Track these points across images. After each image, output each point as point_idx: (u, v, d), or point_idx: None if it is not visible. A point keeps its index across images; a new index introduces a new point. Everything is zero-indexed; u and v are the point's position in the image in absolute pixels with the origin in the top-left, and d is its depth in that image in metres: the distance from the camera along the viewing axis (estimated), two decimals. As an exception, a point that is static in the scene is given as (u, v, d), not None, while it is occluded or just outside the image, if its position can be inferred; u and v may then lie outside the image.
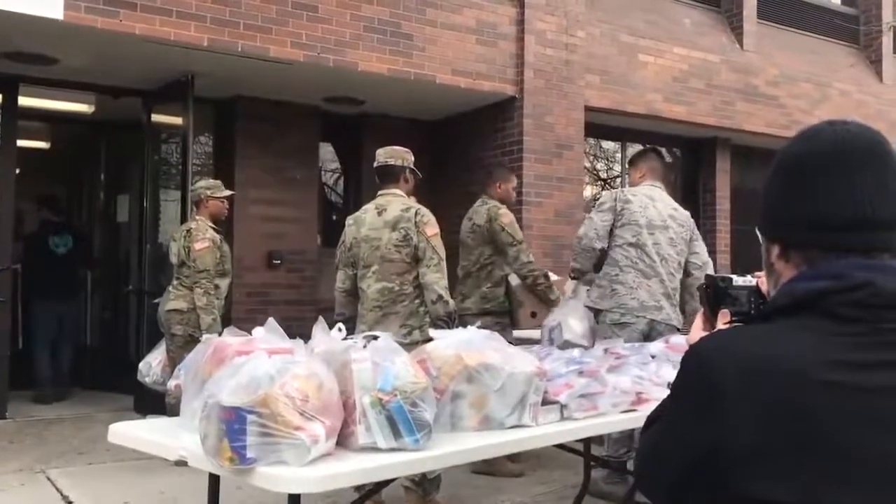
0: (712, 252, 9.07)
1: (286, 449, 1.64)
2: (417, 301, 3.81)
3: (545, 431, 2.14)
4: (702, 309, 1.51)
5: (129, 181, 7.81)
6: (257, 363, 1.74)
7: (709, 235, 9.21)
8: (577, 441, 3.04)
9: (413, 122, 7.96)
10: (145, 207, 7.03)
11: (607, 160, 9.41)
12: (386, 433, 1.79)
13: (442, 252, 3.80)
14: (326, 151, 8.22)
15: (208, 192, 5.46)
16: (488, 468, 4.60)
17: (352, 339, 2.00)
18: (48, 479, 4.49)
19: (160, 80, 6.61)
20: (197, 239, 5.21)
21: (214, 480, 1.98)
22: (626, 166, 4.72)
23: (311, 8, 6.10)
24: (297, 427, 1.65)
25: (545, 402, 2.19)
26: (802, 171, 1.13)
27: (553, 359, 2.62)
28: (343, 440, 1.80)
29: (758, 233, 1.26)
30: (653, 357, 3.04)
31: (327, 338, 2.04)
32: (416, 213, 3.82)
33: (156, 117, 7.08)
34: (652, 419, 1.21)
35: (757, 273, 1.58)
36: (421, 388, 1.84)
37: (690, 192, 9.49)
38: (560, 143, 7.27)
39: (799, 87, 9.14)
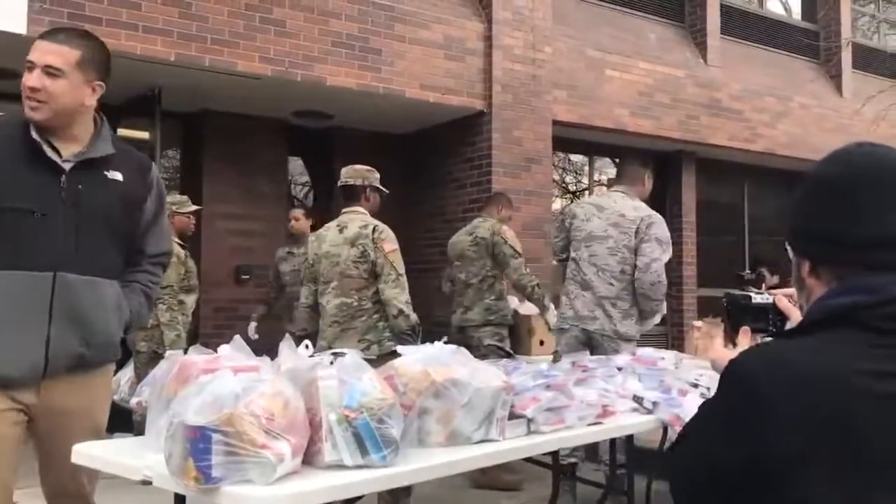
0: (679, 263, 9.20)
1: (252, 468, 1.63)
2: (376, 316, 3.81)
3: (512, 445, 2.16)
4: (722, 326, 1.55)
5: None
6: (223, 382, 1.74)
7: (676, 247, 9.27)
8: (545, 455, 3.06)
9: (383, 136, 7.98)
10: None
11: (576, 173, 9.51)
12: (353, 450, 1.79)
13: (401, 267, 3.81)
14: (296, 166, 8.21)
15: (174, 208, 5.44)
16: (488, 481, 4.63)
17: (319, 356, 2.01)
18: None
19: (127, 95, 6.56)
20: None
21: (180, 500, 1.96)
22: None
23: (279, 23, 6.11)
24: (263, 445, 1.64)
25: (512, 417, 2.21)
26: (833, 192, 1.17)
27: (521, 372, 2.64)
28: (310, 458, 1.80)
29: (787, 248, 1.32)
30: (619, 369, 3.08)
31: (294, 355, 2.03)
32: (373, 230, 3.82)
33: (122, 132, 7.00)
34: (684, 436, 1.23)
35: (772, 291, 1.63)
36: (388, 404, 1.85)
37: (658, 205, 9.58)
38: (528, 156, 7.33)
39: (762, 101, 9.30)
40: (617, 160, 9.52)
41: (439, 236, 7.57)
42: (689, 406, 2.76)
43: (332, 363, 1.89)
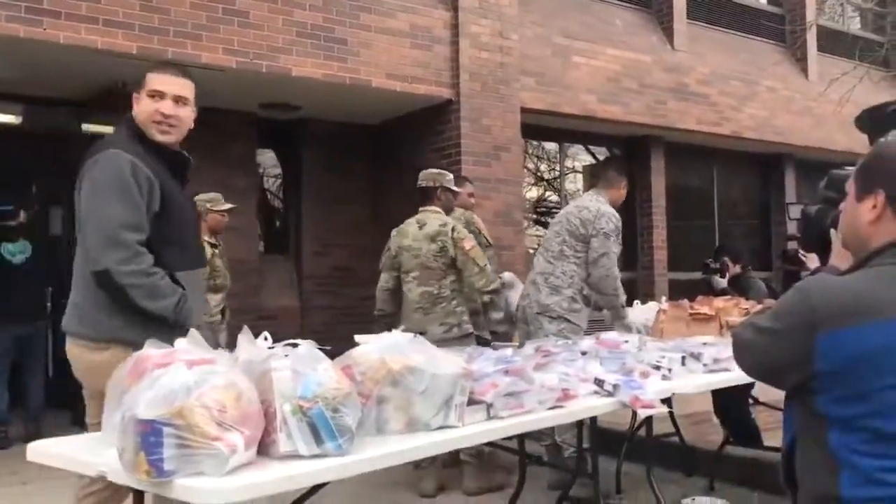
0: (650, 248, 9.28)
1: (204, 460, 1.63)
2: (454, 302, 4.46)
3: (471, 431, 2.17)
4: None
5: (61, 193, 7.63)
6: (175, 375, 1.74)
7: (645, 232, 9.39)
8: (507, 439, 3.09)
9: (352, 126, 7.95)
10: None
11: (549, 161, 9.53)
12: (307, 440, 1.79)
13: (482, 260, 4.44)
14: (265, 158, 8.17)
15: (208, 205, 5.58)
16: (481, 486, 4.52)
17: (282, 345, 2.01)
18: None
19: (91, 90, 6.49)
20: None
21: (139, 496, 1.96)
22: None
23: (242, 14, 6.06)
24: (215, 437, 1.64)
25: (471, 403, 2.22)
26: None
27: (483, 359, 2.66)
28: (265, 449, 1.80)
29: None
30: (584, 353, 3.10)
31: (252, 347, 2.03)
32: (452, 230, 4.46)
33: (87, 127, 6.92)
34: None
35: None
36: (343, 393, 1.85)
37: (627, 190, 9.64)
38: (498, 145, 7.34)
39: (728, 84, 9.37)
40: (588, 147, 9.58)
41: (410, 226, 7.58)
42: (651, 387, 2.80)
43: (286, 355, 1.89)
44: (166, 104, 2.70)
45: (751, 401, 5.39)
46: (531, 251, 9.02)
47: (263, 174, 8.24)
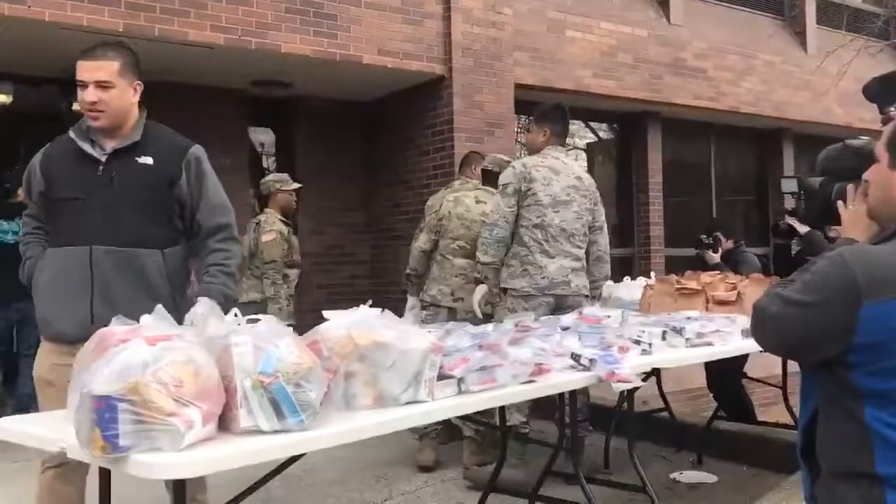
0: (646, 224, 9.24)
1: (160, 435, 1.62)
2: None
3: (441, 405, 2.16)
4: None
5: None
6: (134, 351, 1.72)
7: (642, 208, 9.35)
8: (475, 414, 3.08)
9: (344, 103, 7.90)
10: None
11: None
12: (269, 415, 1.78)
13: None
14: (257, 136, 8.13)
15: (278, 186, 5.69)
16: (482, 461, 4.40)
17: (245, 320, 2.00)
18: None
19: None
20: (265, 231, 5.50)
21: (105, 473, 1.96)
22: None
23: (230, -10, 6.00)
24: (171, 413, 1.63)
25: (442, 378, 2.21)
26: None
27: (458, 334, 2.65)
28: (227, 424, 1.79)
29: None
30: (565, 329, 3.08)
31: (219, 323, 2.02)
32: None
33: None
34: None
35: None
36: (305, 368, 1.83)
37: (623, 166, 9.61)
38: (491, 121, 7.29)
39: (725, 59, 9.29)
40: (588, 123, 9.52)
41: (402, 204, 7.56)
42: (629, 362, 2.78)
43: (248, 331, 1.88)
44: (88, 92, 2.74)
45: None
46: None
47: (258, 152, 8.21)
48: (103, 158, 2.76)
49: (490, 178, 4.94)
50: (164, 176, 2.80)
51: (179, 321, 2.04)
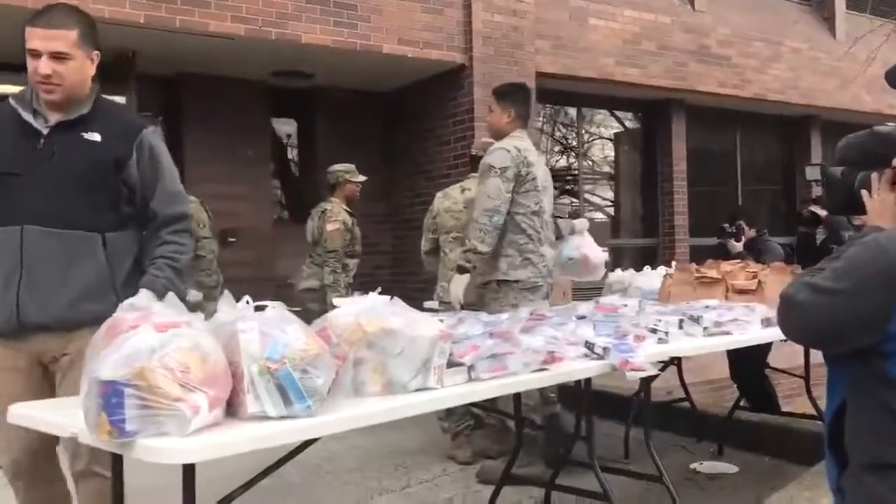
0: (671, 213, 9.16)
1: (166, 420, 1.63)
2: None
3: (450, 393, 2.16)
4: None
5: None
6: (142, 337, 1.73)
7: (666, 198, 9.28)
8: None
9: (364, 94, 7.91)
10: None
11: (568, 127, 9.41)
12: (276, 401, 1.78)
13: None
14: (278, 126, 8.16)
15: (346, 176, 5.75)
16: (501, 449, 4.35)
17: (252, 307, 2.00)
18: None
19: (103, 60, 6.48)
20: (329, 220, 5.58)
21: (118, 459, 1.98)
22: (494, 99, 4.19)
23: (250, -19, 6.02)
24: (177, 398, 1.64)
25: (452, 365, 2.20)
26: None
27: (470, 322, 2.64)
28: (234, 410, 1.80)
29: None
30: (581, 318, 3.06)
31: (233, 310, 2.03)
32: None
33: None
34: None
35: None
36: (312, 354, 1.83)
37: (648, 155, 9.53)
38: (511, 110, 7.23)
39: (751, 45, 9.16)
40: (613, 112, 9.44)
41: (423, 194, 7.54)
42: (644, 351, 2.75)
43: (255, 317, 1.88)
44: (42, 64, 2.40)
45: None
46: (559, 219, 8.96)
47: (279, 142, 8.24)
48: (45, 131, 2.47)
49: (477, 164, 4.50)
50: (112, 154, 2.50)
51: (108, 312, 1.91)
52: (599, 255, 4.96)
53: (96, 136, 2.49)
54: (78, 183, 2.47)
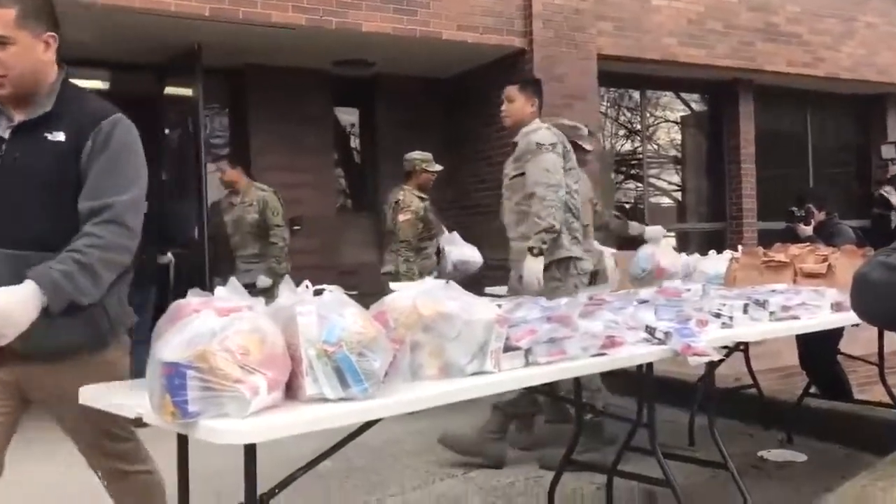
0: (738, 196, 8.95)
1: (227, 402, 1.67)
2: None
3: (507, 377, 2.15)
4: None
5: (148, 155, 7.91)
6: (203, 321, 1.77)
7: (734, 181, 9.06)
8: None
9: (425, 80, 7.92)
10: (164, 180, 7.14)
11: (632, 110, 9.27)
12: (333, 383, 1.81)
13: None
14: (341, 115, 8.24)
15: (423, 165, 5.84)
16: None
17: (311, 291, 2.03)
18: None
19: (169, 53, 6.66)
20: (401, 211, 5.68)
21: (183, 440, 2.04)
22: (512, 91, 4.23)
23: (311, -29, 6.08)
24: (237, 380, 1.68)
25: (509, 349, 2.20)
26: None
27: (528, 307, 2.62)
28: (293, 393, 1.83)
29: None
30: (642, 302, 3.02)
31: (293, 295, 2.06)
32: None
33: (169, 90, 7.14)
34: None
35: None
36: (369, 338, 1.85)
37: (715, 137, 9.32)
38: (572, 94, 7.18)
39: (822, 22, 8.85)
40: (679, 94, 9.26)
41: (486, 179, 7.54)
42: (707, 336, 2.70)
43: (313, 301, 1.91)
44: None
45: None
46: (626, 206, 8.86)
47: (342, 131, 8.32)
48: (6, 135, 2.11)
49: None
50: (76, 153, 2.09)
51: (97, 340, 1.87)
52: (675, 263, 4.80)
53: (61, 136, 2.10)
54: (42, 193, 2.08)
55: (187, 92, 6.73)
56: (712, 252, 4.97)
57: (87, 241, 2.05)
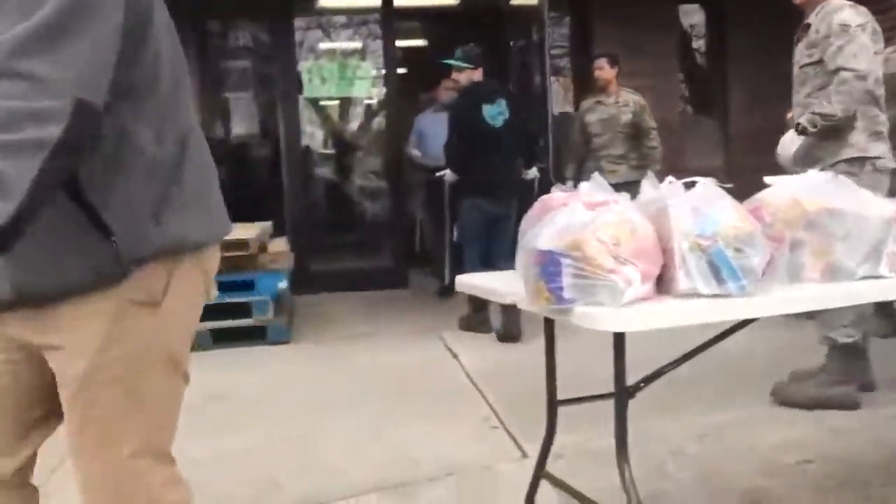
0: None
1: (601, 291, 1.67)
2: None
3: (902, 282, 1.90)
4: None
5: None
6: (572, 212, 1.78)
7: None
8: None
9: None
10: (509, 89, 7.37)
11: None
12: (707, 278, 1.73)
13: None
14: (686, 17, 7.82)
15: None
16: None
17: (680, 184, 1.95)
18: (441, 339, 5.16)
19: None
20: None
21: (549, 324, 2.11)
22: None
23: None
24: (611, 270, 1.66)
25: (908, 252, 1.93)
26: None
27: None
28: (665, 286, 1.78)
29: None
30: None
31: (656, 191, 2.00)
32: None
33: (514, 2, 7.27)
34: None
35: None
36: (745, 232, 1.73)
37: None
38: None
39: None
40: None
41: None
42: None
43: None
44: None
45: None
46: None
47: (684, 33, 7.91)
48: None
49: None
50: None
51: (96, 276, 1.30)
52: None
53: None
54: None
55: (531, 2, 6.80)
56: None
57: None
